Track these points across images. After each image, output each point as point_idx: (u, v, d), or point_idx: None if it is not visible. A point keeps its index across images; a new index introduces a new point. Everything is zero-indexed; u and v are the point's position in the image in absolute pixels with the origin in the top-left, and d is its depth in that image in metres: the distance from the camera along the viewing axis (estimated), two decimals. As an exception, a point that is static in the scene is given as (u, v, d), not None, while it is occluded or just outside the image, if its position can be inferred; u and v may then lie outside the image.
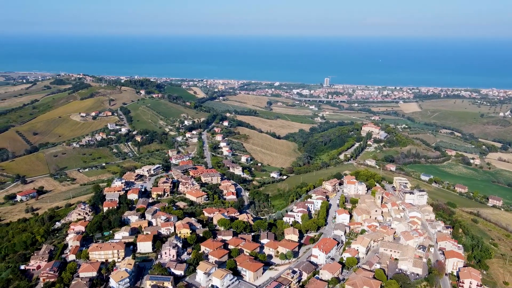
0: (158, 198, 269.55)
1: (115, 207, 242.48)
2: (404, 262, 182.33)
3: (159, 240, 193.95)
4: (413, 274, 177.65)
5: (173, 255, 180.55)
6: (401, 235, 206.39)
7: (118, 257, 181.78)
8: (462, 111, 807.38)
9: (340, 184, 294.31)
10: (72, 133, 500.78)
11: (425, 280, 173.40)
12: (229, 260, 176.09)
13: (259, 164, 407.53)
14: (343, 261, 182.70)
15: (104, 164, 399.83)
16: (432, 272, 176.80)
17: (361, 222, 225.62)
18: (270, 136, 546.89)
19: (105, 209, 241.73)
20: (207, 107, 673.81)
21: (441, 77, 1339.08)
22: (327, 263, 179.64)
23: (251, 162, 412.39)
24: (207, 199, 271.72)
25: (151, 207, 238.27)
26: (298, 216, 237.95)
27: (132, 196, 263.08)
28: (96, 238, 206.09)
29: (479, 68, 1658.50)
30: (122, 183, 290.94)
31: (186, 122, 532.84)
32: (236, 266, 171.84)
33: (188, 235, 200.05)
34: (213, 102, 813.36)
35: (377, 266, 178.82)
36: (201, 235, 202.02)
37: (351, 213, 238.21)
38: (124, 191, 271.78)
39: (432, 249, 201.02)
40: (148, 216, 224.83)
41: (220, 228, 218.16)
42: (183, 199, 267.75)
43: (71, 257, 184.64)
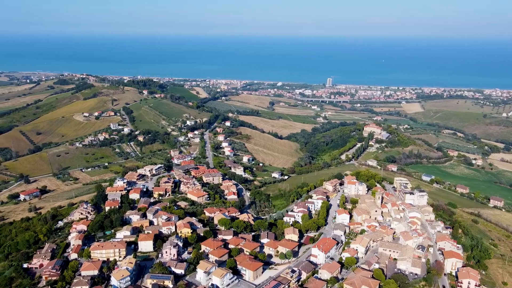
0: (160, 197, 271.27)
1: (117, 207, 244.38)
2: (403, 262, 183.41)
3: (160, 239, 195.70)
4: (412, 274, 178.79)
5: (174, 254, 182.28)
6: (401, 235, 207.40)
7: (119, 256, 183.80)
8: (465, 112, 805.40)
9: (341, 184, 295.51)
10: (75, 133, 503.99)
11: (424, 280, 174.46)
12: (229, 259, 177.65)
13: (260, 164, 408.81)
14: (342, 261, 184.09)
15: (106, 164, 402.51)
16: (431, 272, 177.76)
17: (361, 222, 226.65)
18: (272, 136, 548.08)
19: (107, 208, 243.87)
20: (210, 107, 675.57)
21: (444, 77, 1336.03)
22: (326, 262, 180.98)
23: (253, 162, 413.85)
24: (208, 199, 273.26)
25: (152, 207, 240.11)
26: (298, 216, 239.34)
27: (134, 195, 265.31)
28: (98, 237, 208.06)
29: (482, 69, 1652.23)
30: (124, 182, 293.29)
31: (188, 122, 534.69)
32: (236, 265, 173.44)
33: (189, 234, 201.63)
34: (216, 102, 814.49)
35: (376, 265, 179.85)
36: (201, 234, 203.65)
37: (351, 213, 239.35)
38: (126, 191, 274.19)
39: (431, 249, 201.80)
40: (150, 216, 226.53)
41: (221, 228, 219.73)
42: (184, 199, 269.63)
43: (73, 255, 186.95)
